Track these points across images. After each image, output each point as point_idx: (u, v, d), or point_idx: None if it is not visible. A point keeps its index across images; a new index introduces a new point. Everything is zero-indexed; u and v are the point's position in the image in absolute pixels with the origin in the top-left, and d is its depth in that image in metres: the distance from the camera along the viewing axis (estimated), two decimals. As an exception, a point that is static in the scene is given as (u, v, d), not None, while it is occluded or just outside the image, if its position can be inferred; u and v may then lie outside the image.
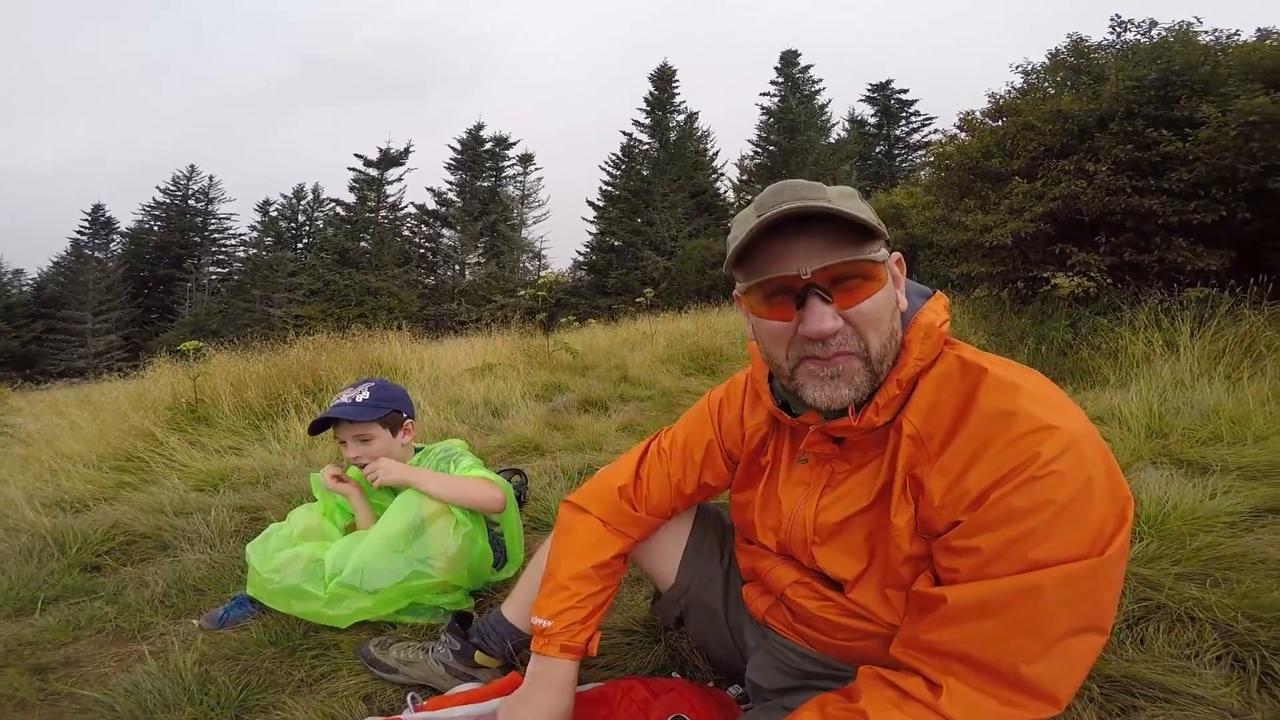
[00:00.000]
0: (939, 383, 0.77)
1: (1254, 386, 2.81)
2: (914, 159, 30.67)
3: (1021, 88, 5.39)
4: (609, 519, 1.10)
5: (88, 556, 2.09)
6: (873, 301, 0.74)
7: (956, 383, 0.76)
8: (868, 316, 0.74)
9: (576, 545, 1.08)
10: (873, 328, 0.75)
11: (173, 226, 37.98)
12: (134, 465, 3.21)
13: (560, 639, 1.01)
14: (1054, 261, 4.64)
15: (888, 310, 0.76)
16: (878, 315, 0.75)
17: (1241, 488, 1.95)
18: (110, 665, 1.49)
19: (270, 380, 4.34)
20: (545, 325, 7.70)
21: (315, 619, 1.55)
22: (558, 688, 1.00)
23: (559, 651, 1.01)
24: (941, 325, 0.80)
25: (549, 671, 1.01)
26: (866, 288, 0.74)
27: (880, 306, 0.75)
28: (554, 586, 1.05)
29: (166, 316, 34.94)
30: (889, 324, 0.76)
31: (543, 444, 3.41)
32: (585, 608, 1.04)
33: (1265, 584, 1.38)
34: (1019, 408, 0.69)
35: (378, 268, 29.43)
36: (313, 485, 1.87)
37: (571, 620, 1.02)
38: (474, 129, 34.54)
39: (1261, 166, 3.57)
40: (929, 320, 0.79)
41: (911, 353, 0.78)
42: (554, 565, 1.08)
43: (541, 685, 1.00)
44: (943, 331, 0.80)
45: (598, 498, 1.12)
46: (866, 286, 0.74)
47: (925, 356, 0.78)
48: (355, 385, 1.72)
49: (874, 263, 0.74)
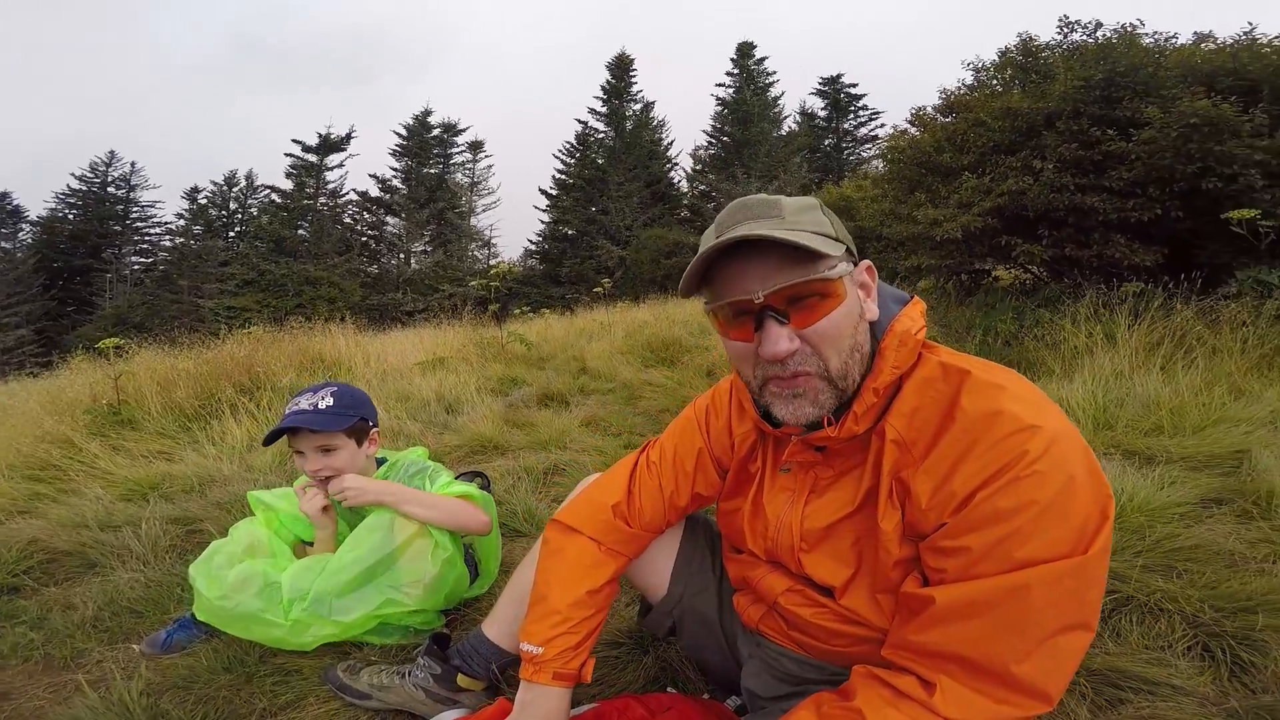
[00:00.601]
0: (921, 387, 0.77)
1: (1187, 377, 2.99)
2: (861, 152, 31.48)
3: (972, 84, 5.58)
4: (603, 539, 1.05)
5: (4, 577, 1.90)
6: (830, 320, 0.75)
7: (939, 386, 0.76)
8: (825, 335, 0.75)
9: (569, 569, 1.03)
10: (831, 345, 0.75)
11: (90, 215, 35.09)
12: (50, 474, 2.93)
13: (553, 666, 0.97)
14: (997, 254, 4.84)
15: (848, 326, 0.76)
16: (836, 333, 0.75)
17: (1187, 479, 2.05)
18: (44, 698, 1.36)
19: (202, 378, 4.06)
20: (498, 316, 7.50)
21: (276, 644, 1.42)
22: (551, 717, 0.96)
23: (551, 679, 0.96)
24: (918, 332, 0.80)
25: (541, 700, 0.96)
26: (823, 306, 0.74)
27: (838, 324, 0.75)
28: (545, 611, 1.00)
29: (84, 309, 32.30)
30: (849, 339, 0.77)
31: (503, 442, 3.29)
32: (579, 633, 0.99)
33: (1224, 575, 1.46)
34: (1003, 408, 0.69)
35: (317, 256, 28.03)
36: (251, 504, 1.70)
37: (565, 646, 0.98)
38: (421, 115, 33.25)
39: (1198, 167, 3.79)
40: (904, 328, 0.79)
41: (887, 360, 0.78)
42: (544, 589, 1.02)
43: (534, 715, 0.96)
44: (918, 338, 0.80)
45: (589, 517, 1.06)
46: (823, 305, 0.74)
47: (901, 364, 0.78)
48: (315, 389, 1.54)
49: (828, 280, 0.74)
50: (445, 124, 33.79)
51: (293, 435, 1.50)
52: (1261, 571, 1.50)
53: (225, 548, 1.53)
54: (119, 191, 36.30)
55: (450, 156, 33.96)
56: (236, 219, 34.29)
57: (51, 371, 5.25)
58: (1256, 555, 1.59)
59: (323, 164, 30.62)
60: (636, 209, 27.70)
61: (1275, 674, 1.15)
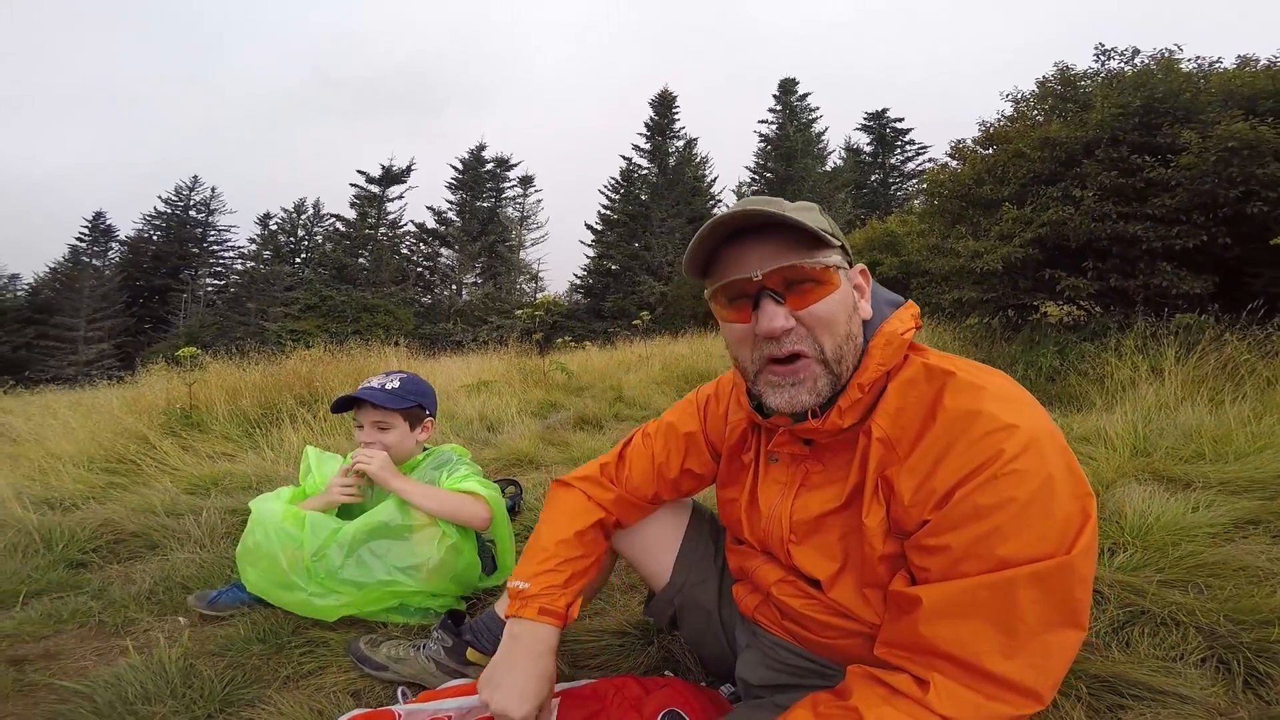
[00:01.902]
0: (905, 387, 0.80)
1: (1235, 409, 2.86)
2: (908, 187, 31.15)
3: (1011, 116, 5.56)
4: (590, 493, 1.13)
5: (74, 553, 2.06)
6: (825, 304, 0.78)
7: (923, 386, 0.78)
8: (820, 319, 0.78)
9: (557, 513, 1.10)
10: (826, 330, 0.78)
11: (172, 237, 38.04)
12: (125, 467, 3.19)
13: (539, 601, 0.99)
14: (1043, 288, 4.74)
15: (843, 314, 0.79)
16: (831, 318, 0.78)
17: (1223, 502, 1.98)
18: (91, 659, 1.47)
19: (266, 389, 4.34)
20: (541, 346, 7.72)
21: (302, 610, 1.54)
22: (538, 653, 0.96)
23: (537, 614, 0.98)
24: (905, 333, 0.82)
25: (528, 635, 0.97)
26: (818, 291, 0.78)
27: (834, 310, 0.78)
28: (534, 550, 1.06)
29: (160, 327, 34.74)
30: (844, 327, 0.79)
31: (537, 457, 3.42)
32: (564, 571, 1.03)
33: (1246, 589, 1.41)
34: (982, 408, 0.71)
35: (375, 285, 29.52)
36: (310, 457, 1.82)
37: (550, 583, 1.01)
38: (476, 149, 35.03)
39: (1240, 191, 3.68)
40: (893, 328, 0.82)
41: (874, 358, 0.80)
42: (537, 534, 1.10)
43: (521, 649, 0.96)
44: (905, 338, 0.82)
45: (582, 475, 1.16)
46: (818, 290, 0.78)
47: (887, 362, 0.81)
48: (387, 374, 1.73)
49: (825, 267, 0.78)
50: (498, 158, 35.42)
51: (358, 408, 1.69)
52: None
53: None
54: (199, 215, 39.17)
55: (502, 190, 35.44)
56: (303, 245, 36.36)
57: (132, 378, 5.70)
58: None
59: (384, 195, 32.47)
60: (679, 245, 28.11)
61: (1289, 685, 1.12)
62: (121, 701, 1.24)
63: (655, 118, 32.13)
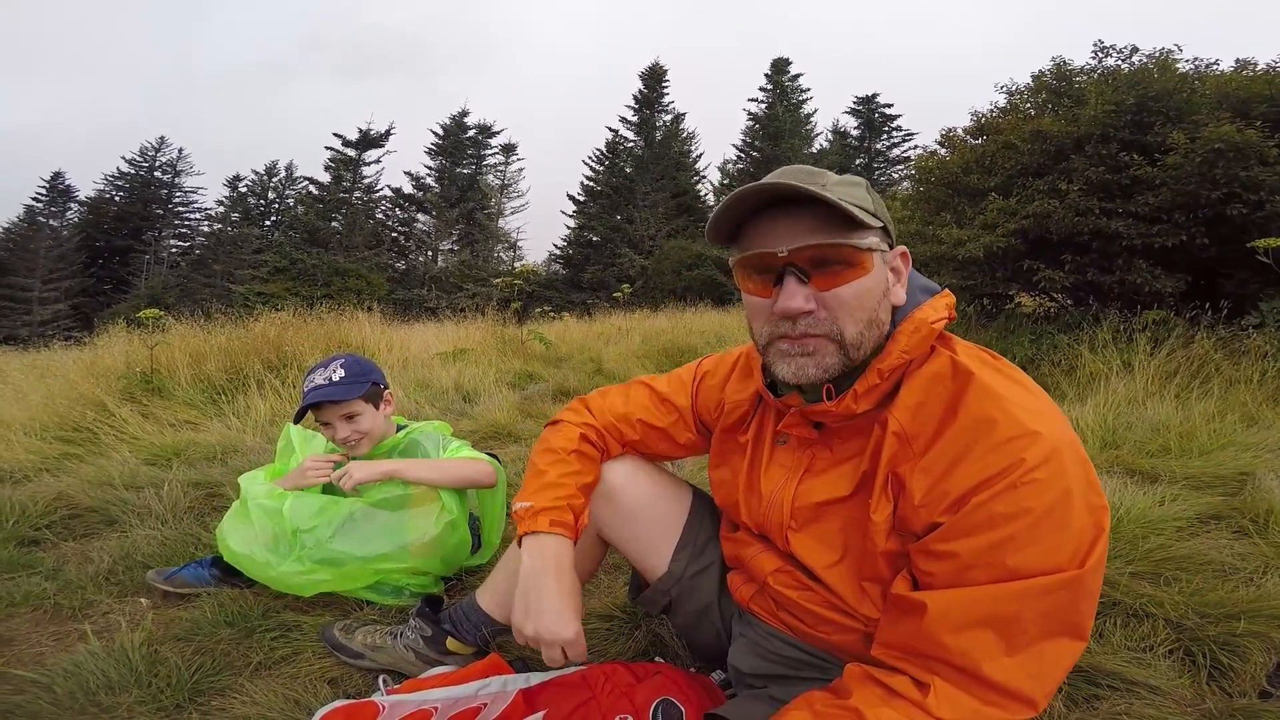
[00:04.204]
0: (929, 382, 0.77)
1: (1201, 405, 2.96)
2: (893, 173, 31.26)
3: (1004, 107, 5.55)
4: (574, 420, 1.13)
5: (25, 530, 1.95)
6: (852, 288, 0.75)
7: (947, 383, 0.76)
8: (845, 302, 0.75)
9: (550, 442, 1.09)
10: (849, 314, 0.76)
11: (135, 197, 36.49)
12: (81, 436, 3.06)
13: (550, 514, 0.97)
14: (1019, 279, 4.80)
15: (871, 299, 0.76)
16: (856, 303, 0.75)
17: (1189, 496, 2.05)
18: (47, 645, 1.39)
19: (233, 354, 4.19)
20: (519, 315, 7.62)
21: (277, 584, 1.48)
22: (562, 566, 0.94)
23: (550, 525, 0.96)
24: (935, 322, 0.79)
25: (545, 550, 0.94)
26: (848, 274, 0.74)
27: (861, 295, 0.75)
28: (532, 475, 1.04)
29: (120, 288, 33.48)
30: (870, 313, 0.77)
31: (516, 430, 3.37)
32: (566, 485, 1.01)
33: (1211, 583, 1.47)
34: (1004, 413, 0.69)
35: (347, 249, 28.71)
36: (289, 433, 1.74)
37: (555, 495, 0.99)
38: (458, 115, 33.98)
39: (1222, 193, 3.74)
40: (923, 316, 0.79)
41: (898, 344, 0.78)
42: (531, 462, 1.09)
43: (543, 568, 0.93)
44: (935, 328, 0.79)
45: (567, 408, 1.18)
46: (848, 273, 0.74)
47: (911, 350, 0.78)
48: (324, 365, 1.63)
49: (858, 250, 0.74)
50: (480, 125, 34.46)
51: (317, 410, 1.60)
52: (1249, 582, 1.50)
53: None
54: (164, 176, 37.69)
55: (483, 158, 34.62)
56: (274, 208, 35.28)
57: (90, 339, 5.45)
58: (1246, 567, 1.60)
59: (361, 159, 31.43)
60: (661, 219, 27.88)
61: (1253, 678, 1.16)
62: (83, 691, 1.18)
63: (644, 91, 31.51)
